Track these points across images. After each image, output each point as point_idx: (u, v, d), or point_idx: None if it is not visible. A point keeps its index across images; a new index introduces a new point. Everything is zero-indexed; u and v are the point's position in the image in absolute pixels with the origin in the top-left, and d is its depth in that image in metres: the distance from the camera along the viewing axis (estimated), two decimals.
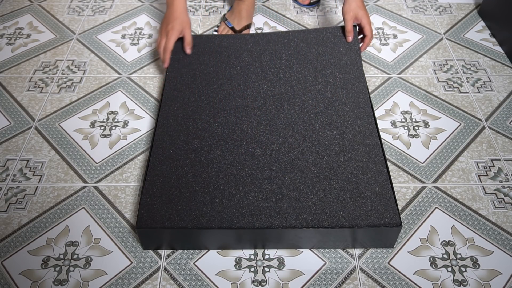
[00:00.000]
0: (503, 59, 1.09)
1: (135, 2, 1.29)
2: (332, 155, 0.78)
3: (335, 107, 0.85)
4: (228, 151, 0.79)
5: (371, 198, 0.73)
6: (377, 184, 0.74)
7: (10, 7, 1.28)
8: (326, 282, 0.71)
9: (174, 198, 0.74)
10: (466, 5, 1.26)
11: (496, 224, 0.78)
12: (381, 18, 1.22)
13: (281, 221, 0.71)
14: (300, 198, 0.73)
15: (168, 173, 0.77)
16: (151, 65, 1.09)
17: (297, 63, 0.93)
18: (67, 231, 0.78)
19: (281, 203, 0.73)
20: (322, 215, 0.71)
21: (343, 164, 0.77)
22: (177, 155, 0.79)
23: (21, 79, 1.06)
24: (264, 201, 0.73)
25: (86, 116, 0.97)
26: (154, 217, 0.72)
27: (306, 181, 0.75)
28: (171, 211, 0.72)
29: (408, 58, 1.10)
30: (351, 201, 0.72)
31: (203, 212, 0.72)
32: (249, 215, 0.72)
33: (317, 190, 0.74)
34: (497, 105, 0.99)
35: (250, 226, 0.71)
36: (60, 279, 0.72)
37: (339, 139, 0.80)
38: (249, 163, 0.77)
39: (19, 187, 0.84)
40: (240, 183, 0.75)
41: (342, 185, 0.74)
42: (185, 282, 0.71)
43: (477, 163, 0.88)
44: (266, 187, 0.74)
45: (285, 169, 0.76)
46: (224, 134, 0.82)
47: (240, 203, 0.73)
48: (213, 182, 0.75)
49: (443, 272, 0.72)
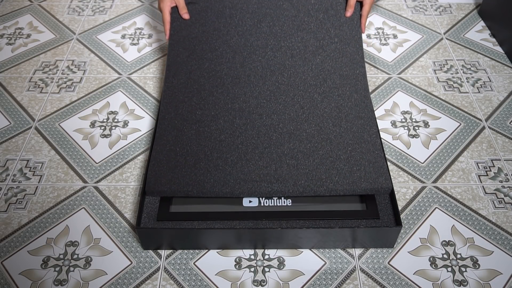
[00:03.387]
0: (503, 59, 1.09)
1: (135, 2, 1.29)
2: (329, 126, 0.81)
3: (333, 80, 0.87)
4: (230, 121, 0.82)
5: (364, 166, 0.76)
6: (370, 153, 0.78)
7: (10, 7, 1.28)
8: (326, 282, 0.71)
9: (179, 165, 0.77)
10: (466, 5, 1.27)
11: (496, 224, 0.78)
12: (381, 18, 1.22)
13: (280, 187, 0.74)
14: (298, 166, 0.76)
15: (174, 142, 0.80)
16: (151, 65, 1.09)
17: (298, 32, 0.93)
18: (67, 231, 0.78)
19: (280, 170, 0.76)
20: (318, 181, 0.75)
21: (339, 135, 0.80)
22: (182, 125, 0.82)
23: (21, 79, 1.06)
24: (264, 168, 0.76)
25: (86, 116, 0.97)
26: (161, 181, 0.75)
27: (304, 150, 0.78)
28: (177, 176, 0.76)
29: (408, 58, 1.10)
30: (346, 168, 0.76)
31: (207, 178, 0.75)
32: (250, 181, 0.75)
33: (314, 159, 0.77)
34: (497, 105, 0.99)
35: (251, 192, 0.74)
36: (60, 279, 0.72)
37: (336, 111, 0.83)
38: (250, 133, 0.81)
39: (19, 187, 0.84)
40: (242, 151, 0.78)
41: (337, 154, 0.78)
42: (185, 282, 0.71)
43: (477, 163, 0.88)
44: (266, 155, 0.78)
45: (284, 139, 0.80)
46: (227, 104, 0.84)
47: (242, 170, 0.76)
48: (216, 150, 0.79)
49: (443, 272, 0.72)
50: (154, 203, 0.77)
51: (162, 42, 1.15)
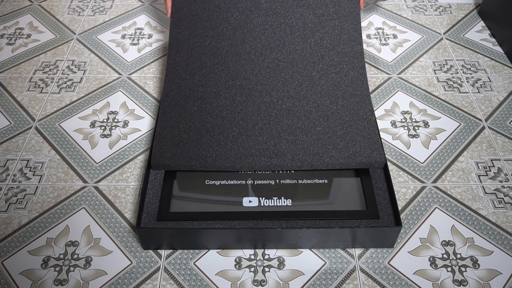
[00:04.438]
0: (503, 59, 1.09)
1: (135, 2, 1.29)
2: (326, 103, 0.84)
3: (331, 57, 0.89)
4: (231, 98, 0.85)
5: (359, 141, 0.80)
6: (365, 129, 0.81)
7: (10, 7, 1.28)
8: (326, 282, 0.71)
9: (183, 140, 0.81)
10: (466, 5, 1.27)
11: (496, 224, 0.78)
12: (381, 18, 1.22)
13: (279, 161, 0.78)
14: (296, 141, 0.80)
15: (177, 118, 0.83)
16: (151, 65, 1.09)
17: (297, 8, 0.93)
18: (67, 231, 0.78)
19: (279, 145, 0.80)
20: (316, 156, 0.79)
21: (336, 111, 0.83)
22: (185, 102, 0.85)
23: (21, 79, 1.06)
24: (263, 143, 0.80)
25: (86, 116, 0.97)
26: (166, 156, 0.79)
27: (301, 127, 0.81)
28: (180, 151, 0.79)
29: (408, 58, 1.10)
30: (342, 144, 0.80)
31: (209, 153, 0.79)
32: (250, 156, 0.79)
33: (312, 134, 0.81)
34: (497, 105, 0.99)
35: (251, 167, 0.78)
36: (60, 279, 0.72)
37: (333, 89, 0.85)
38: (250, 110, 0.83)
39: (19, 187, 0.84)
40: (243, 127, 0.81)
41: (334, 130, 0.81)
42: (185, 282, 0.72)
43: (477, 163, 0.88)
44: (266, 131, 0.81)
45: (283, 115, 0.83)
46: (228, 82, 0.87)
47: (243, 145, 0.80)
48: (218, 126, 0.82)
49: (443, 272, 0.72)
50: (154, 203, 0.77)
51: (162, 42, 1.15)
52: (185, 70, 0.89)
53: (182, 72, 0.89)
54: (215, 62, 0.89)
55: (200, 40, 0.91)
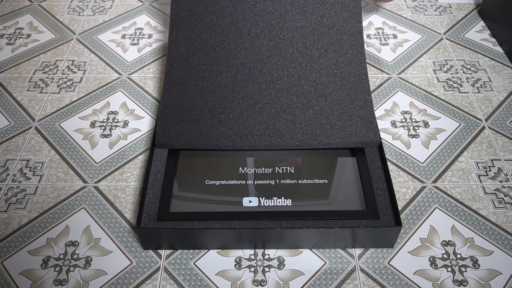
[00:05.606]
0: (503, 59, 1.09)
1: (135, 2, 1.29)
2: (324, 83, 0.85)
3: (331, 35, 0.89)
4: (232, 77, 0.86)
5: (356, 121, 0.82)
6: (362, 109, 0.83)
7: (10, 7, 1.28)
8: (326, 282, 0.71)
9: (185, 119, 0.83)
10: (466, 5, 1.27)
11: (496, 224, 0.78)
12: (381, 18, 1.22)
13: (278, 141, 0.80)
14: (295, 121, 0.83)
15: (180, 97, 0.85)
16: (151, 65, 1.09)
17: None
18: (67, 231, 0.78)
19: (279, 125, 0.82)
20: (313, 135, 0.81)
21: (334, 91, 0.84)
22: (187, 81, 0.86)
23: (21, 79, 1.06)
24: (263, 123, 0.82)
25: (86, 116, 0.97)
26: (169, 135, 0.81)
27: (300, 106, 0.83)
28: (183, 130, 0.82)
29: (408, 58, 1.10)
30: (339, 123, 0.82)
31: (211, 132, 0.81)
32: (250, 136, 0.81)
33: (310, 114, 0.83)
34: (497, 105, 0.99)
35: (251, 146, 0.81)
36: (60, 279, 0.72)
37: (332, 68, 0.86)
38: (251, 89, 0.85)
39: (19, 187, 0.84)
40: (243, 107, 0.83)
41: (332, 110, 0.82)
42: (185, 282, 0.72)
43: (477, 163, 0.88)
44: (266, 111, 0.83)
45: (282, 94, 0.84)
46: (229, 60, 0.87)
47: (243, 124, 0.82)
48: (219, 105, 0.83)
49: (443, 272, 0.72)
50: (154, 203, 0.77)
51: (162, 42, 1.15)
52: (187, 48, 0.90)
53: (184, 50, 0.89)
54: (217, 39, 0.89)
55: (201, 17, 0.92)
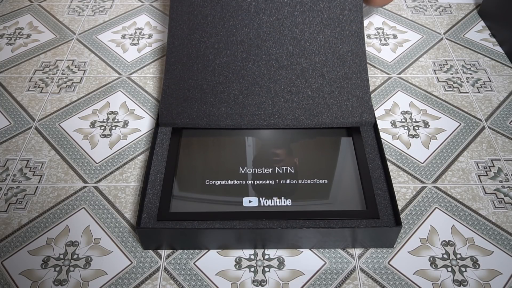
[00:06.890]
0: (503, 59, 1.09)
1: (135, 2, 1.29)
2: (322, 61, 0.86)
3: (331, 11, 0.88)
4: (232, 55, 0.86)
5: (352, 101, 0.84)
6: (358, 89, 0.85)
7: (10, 7, 1.28)
8: (326, 282, 0.71)
9: (188, 98, 0.85)
10: (466, 5, 1.27)
11: (496, 224, 0.78)
12: (381, 18, 1.22)
13: (277, 120, 0.83)
14: (293, 100, 0.84)
15: (181, 76, 0.86)
16: (151, 65, 1.09)
17: None
18: (67, 231, 0.78)
19: (277, 105, 0.84)
20: (311, 115, 0.84)
21: (332, 69, 0.85)
22: (188, 59, 0.87)
23: (21, 79, 1.06)
24: (262, 103, 0.84)
25: (86, 116, 0.97)
26: (172, 114, 0.84)
27: (299, 85, 0.84)
28: (186, 110, 0.84)
29: (408, 58, 1.10)
30: (336, 103, 0.84)
31: (212, 112, 0.84)
32: (250, 115, 0.84)
33: (307, 93, 0.85)
34: (497, 105, 0.99)
35: (251, 125, 0.84)
36: (60, 279, 0.72)
37: (331, 45, 0.87)
38: (251, 68, 0.86)
39: (19, 187, 0.84)
40: (243, 86, 0.84)
41: (329, 89, 0.84)
42: (185, 282, 0.72)
43: (477, 163, 0.88)
44: (265, 90, 0.85)
45: (281, 73, 0.85)
46: (229, 37, 0.87)
47: (243, 104, 0.84)
48: (220, 84, 0.85)
49: (443, 272, 0.72)
50: (154, 203, 0.77)
51: (162, 42, 1.15)
52: (188, 24, 0.89)
53: (185, 27, 0.89)
54: (217, 16, 0.89)
55: None
